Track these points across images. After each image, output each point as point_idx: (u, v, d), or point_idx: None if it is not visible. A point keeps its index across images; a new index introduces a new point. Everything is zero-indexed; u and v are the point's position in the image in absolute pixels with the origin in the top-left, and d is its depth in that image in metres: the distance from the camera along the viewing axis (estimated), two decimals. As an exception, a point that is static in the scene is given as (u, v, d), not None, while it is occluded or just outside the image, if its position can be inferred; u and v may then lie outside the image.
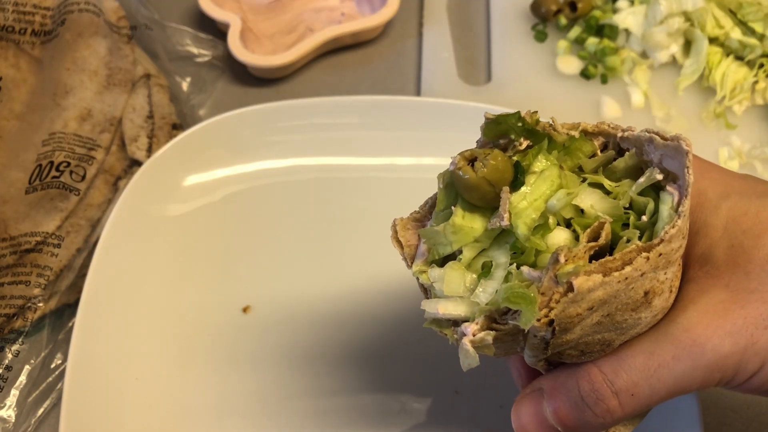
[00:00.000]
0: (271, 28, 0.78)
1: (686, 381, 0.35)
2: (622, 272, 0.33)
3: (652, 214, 0.35)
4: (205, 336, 0.60)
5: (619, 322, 0.35)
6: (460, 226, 0.36)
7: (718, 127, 0.71)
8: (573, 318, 0.33)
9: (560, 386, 0.37)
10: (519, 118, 0.37)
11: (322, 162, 0.68)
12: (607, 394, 0.36)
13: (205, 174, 0.67)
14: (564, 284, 0.32)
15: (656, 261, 0.33)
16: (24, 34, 0.73)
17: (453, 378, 0.57)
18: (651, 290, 0.34)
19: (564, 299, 0.32)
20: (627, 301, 0.34)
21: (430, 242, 0.38)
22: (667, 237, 0.33)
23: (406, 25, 0.81)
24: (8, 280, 0.60)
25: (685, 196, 0.34)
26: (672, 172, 0.35)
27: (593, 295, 0.33)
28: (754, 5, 0.72)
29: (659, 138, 0.35)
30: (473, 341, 0.34)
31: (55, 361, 0.60)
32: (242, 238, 0.65)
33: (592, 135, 0.38)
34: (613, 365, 0.36)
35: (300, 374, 0.58)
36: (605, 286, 0.33)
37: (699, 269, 0.38)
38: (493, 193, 0.36)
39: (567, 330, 0.34)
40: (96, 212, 0.65)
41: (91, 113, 0.69)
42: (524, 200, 0.36)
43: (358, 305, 0.61)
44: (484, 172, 0.35)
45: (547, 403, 0.38)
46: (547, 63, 0.76)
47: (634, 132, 0.37)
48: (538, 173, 0.36)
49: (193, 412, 0.57)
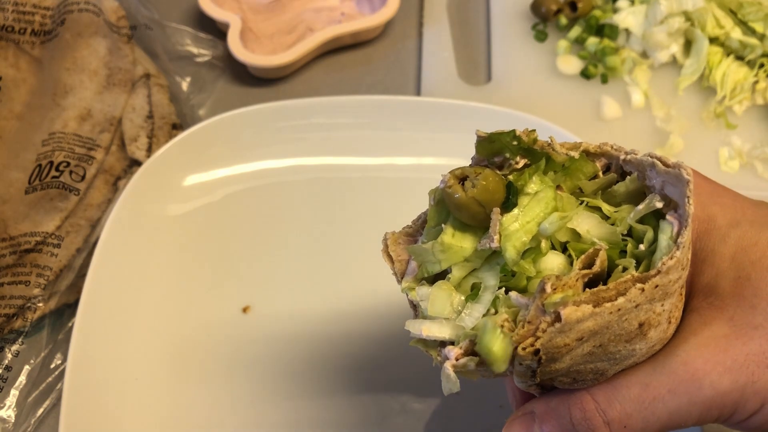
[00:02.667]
0: (271, 28, 0.78)
1: (681, 416, 0.34)
2: (614, 303, 0.31)
3: (650, 243, 0.34)
4: (205, 336, 0.60)
5: (612, 353, 0.34)
6: (449, 245, 0.35)
7: (718, 127, 0.71)
8: (560, 348, 0.32)
9: (552, 411, 0.37)
10: (514, 137, 0.36)
11: (322, 162, 0.68)
12: (598, 423, 0.35)
13: (205, 174, 0.67)
14: (551, 314, 0.31)
15: (652, 292, 0.32)
16: (24, 33, 0.73)
17: (453, 378, 0.57)
18: (646, 322, 0.33)
19: (551, 329, 0.31)
20: (620, 333, 0.33)
21: (419, 259, 0.37)
22: (664, 269, 0.32)
23: (406, 25, 0.81)
24: (8, 280, 0.60)
25: (685, 226, 0.33)
26: (673, 200, 0.34)
27: (583, 325, 0.32)
28: (755, 5, 0.72)
29: (661, 164, 0.34)
30: (455, 366, 0.33)
31: (55, 361, 0.60)
32: (242, 238, 0.65)
33: (593, 156, 0.37)
34: (606, 395, 0.35)
35: (300, 374, 0.58)
36: (596, 317, 0.31)
37: (703, 299, 0.37)
38: (484, 213, 0.35)
39: (555, 360, 0.33)
40: (96, 212, 0.65)
41: (90, 113, 0.69)
42: (516, 222, 0.34)
43: (358, 305, 0.61)
44: (474, 192, 0.34)
45: (538, 427, 0.37)
46: (547, 63, 0.76)
47: (637, 155, 0.35)
48: (532, 195, 0.35)
49: (192, 412, 0.57)
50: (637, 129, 0.71)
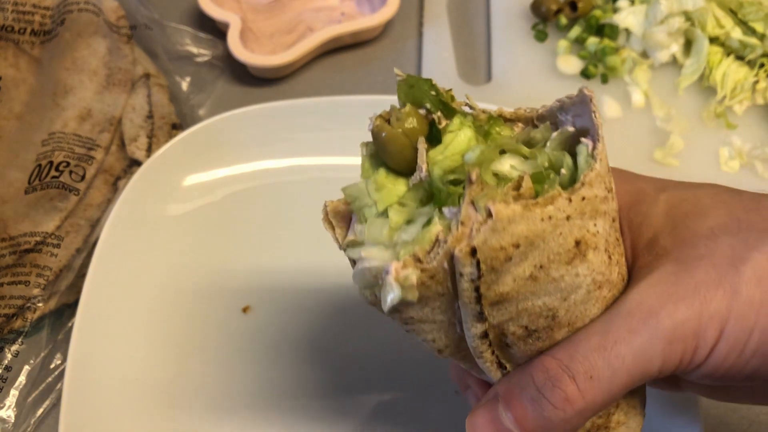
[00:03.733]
0: (271, 27, 0.78)
1: (647, 355, 0.34)
2: (544, 210, 0.32)
3: (572, 170, 0.35)
4: (205, 336, 0.60)
5: (556, 280, 0.33)
6: (383, 183, 0.36)
7: (718, 127, 0.71)
8: (498, 253, 0.32)
9: (514, 384, 0.36)
10: (431, 85, 0.37)
11: (322, 162, 0.68)
12: (563, 378, 0.34)
13: (205, 174, 0.67)
14: (483, 211, 0.32)
15: (580, 205, 0.33)
16: (23, 33, 0.73)
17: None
18: (583, 240, 0.33)
19: (484, 228, 0.31)
20: (558, 251, 0.33)
21: (356, 205, 0.38)
22: (587, 180, 0.33)
23: (406, 25, 0.81)
24: (8, 280, 0.60)
25: (598, 140, 0.34)
26: (585, 128, 0.35)
27: (516, 228, 0.31)
28: (755, 5, 0.72)
29: (567, 99, 0.36)
30: (397, 278, 0.33)
31: (55, 361, 0.60)
32: (242, 238, 0.65)
33: (510, 121, 0.38)
34: (567, 351, 0.35)
35: (300, 374, 0.58)
36: (528, 221, 0.31)
37: (647, 255, 0.37)
38: (411, 148, 0.36)
39: (495, 270, 0.32)
40: (95, 212, 0.64)
41: (90, 113, 0.69)
42: (441, 155, 0.36)
43: (358, 305, 0.61)
44: (399, 125, 0.36)
45: (503, 407, 0.35)
46: (547, 63, 0.76)
47: (547, 106, 0.37)
48: (455, 132, 0.36)
49: (192, 413, 0.57)
50: (637, 129, 0.71)
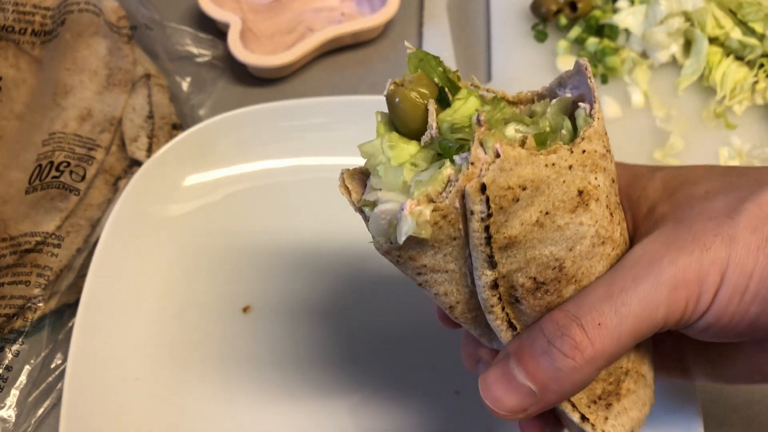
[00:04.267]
0: (271, 28, 0.78)
1: (651, 300, 0.35)
2: (548, 157, 0.34)
3: (571, 134, 0.37)
4: (205, 336, 0.60)
5: (561, 228, 0.35)
6: (396, 142, 0.38)
7: (718, 127, 0.71)
8: (506, 192, 0.33)
9: (525, 341, 0.37)
10: (439, 62, 0.39)
11: (322, 162, 0.68)
12: (572, 326, 0.35)
13: (205, 174, 0.67)
14: (491, 151, 0.33)
15: (581, 157, 0.35)
16: (24, 34, 0.73)
17: (453, 378, 0.57)
18: (585, 190, 0.35)
19: (493, 167, 0.33)
20: (563, 198, 0.35)
21: (370, 163, 0.38)
22: (586, 135, 0.36)
23: (406, 25, 0.81)
24: (8, 280, 0.60)
25: (594, 101, 0.37)
26: (582, 94, 0.38)
27: (523, 170, 0.33)
28: (755, 5, 0.72)
29: (564, 73, 0.39)
30: (411, 212, 0.34)
31: (55, 361, 0.60)
32: (242, 238, 0.65)
33: (513, 104, 0.40)
34: (575, 302, 0.36)
35: (300, 374, 0.58)
36: (533, 165, 0.34)
37: (647, 223, 0.39)
38: (423, 109, 0.37)
39: (504, 210, 0.34)
40: (96, 212, 0.65)
41: (91, 113, 0.69)
42: (450, 117, 0.37)
43: (358, 305, 0.61)
44: (411, 86, 0.38)
45: (514, 363, 0.36)
46: (547, 63, 0.76)
47: (547, 86, 0.40)
48: (463, 99, 0.38)
49: (192, 412, 0.57)
50: (637, 129, 0.71)
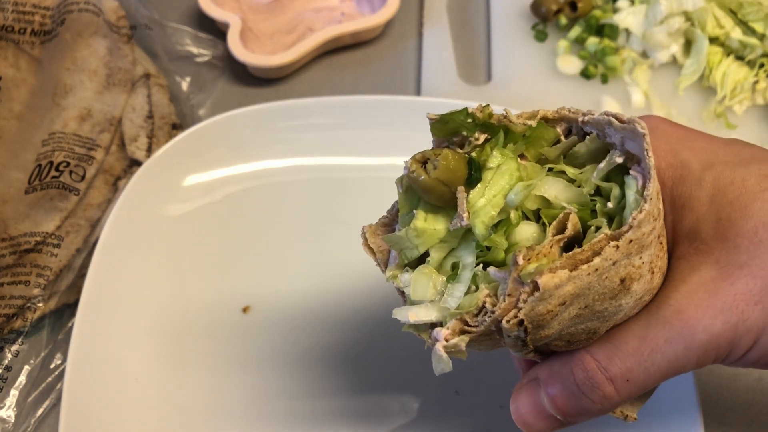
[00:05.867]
0: (271, 28, 0.78)
1: (680, 363, 0.35)
2: (590, 264, 0.32)
3: (619, 200, 0.35)
4: (205, 336, 0.60)
5: (600, 311, 0.35)
6: (423, 230, 0.36)
7: (718, 127, 0.71)
8: (544, 315, 0.33)
9: (555, 375, 0.37)
10: (467, 114, 0.37)
11: (322, 162, 0.68)
12: (602, 380, 0.36)
13: (205, 174, 0.67)
14: (529, 284, 0.32)
15: (627, 248, 0.33)
16: (24, 33, 0.73)
17: (453, 378, 0.57)
18: (627, 277, 0.34)
19: (531, 299, 0.32)
20: (603, 291, 0.34)
21: (397, 247, 0.38)
22: (635, 223, 0.33)
23: (406, 25, 0.81)
24: (8, 280, 0.60)
25: (649, 179, 0.33)
26: (635, 154, 0.35)
27: (562, 290, 0.32)
28: (755, 5, 0.72)
29: (617, 121, 0.35)
30: (446, 347, 0.34)
31: (55, 361, 0.60)
32: (242, 238, 0.65)
33: (552, 122, 0.38)
34: (606, 352, 0.36)
35: (300, 374, 0.58)
36: (574, 281, 0.32)
37: (689, 245, 0.37)
38: (450, 193, 0.35)
39: (542, 327, 0.33)
40: (96, 212, 0.65)
41: (90, 113, 0.69)
42: (482, 197, 0.35)
43: (358, 305, 0.61)
44: (437, 173, 0.35)
45: (544, 392, 0.38)
46: (547, 63, 0.76)
47: (594, 115, 0.36)
48: (494, 168, 0.36)
49: (192, 413, 0.57)
50: (637, 129, 0.71)
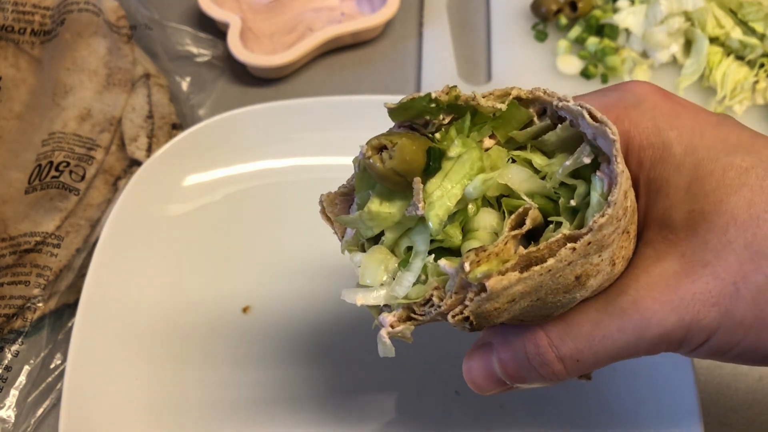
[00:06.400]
0: (271, 27, 0.78)
1: (630, 350, 0.36)
2: (543, 266, 0.31)
3: (583, 197, 0.33)
4: (205, 336, 0.60)
5: (553, 302, 0.34)
6: (377, 213, 0.35)
7: (718, 127, 0.71)
8: (491, 312, 0.33)
9: (508, 344, 0.38)
10: (430, 100, 0.34)
11: (322, 162, 0.68)
12: (552, 359, 0.36)
13: (205, 174, 0.67)
14: (476, 286, 0.31)
15: (585, 249, 0.32)
16: (23, 33, 0.73)
17: (453, 378, 0.57)
18: (584, 274, 0.33)
19: (477, 298, 0.32)
20: (556, 288, 0.33)
21: (352, 226, 0.37)
22: (595, 227, 0.31)
23: (406, 25, 0.81)
24: (8, 280, 0.60)
25: (615, 185, 0.32)
26: (605, 153, 0.33)
27: (511, 290, 0.32)
28: (755, 5, 0.72)
29: (589, 117, 0.33)
30: (391, 333, 0.34)
31: (55, 361, 0.60)
32: (242, 238, 0.65)
33: (526, 102, 0.36)
34: (559, 331, 0.36)
35: (300, 373, 0.58)
36: (525, 281, 0.31)
37: (658, 232, 0.36)
38: (406, 182, 0.34)
39: (489, 320, 0.33)
40: (95, 212, 0.64)
41: (90, 113, 0.69)
42: (439, 189, 0.34)
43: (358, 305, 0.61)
44: (392, 163, 0.33)
45: (495, 358, 0.38)
46: (547, 63, 0.76)
47: (569, 103, 0.34)
48: (455, 158, 0.34)
49: (192, 413, 0.56)
50: (637, 129, 0.71)
